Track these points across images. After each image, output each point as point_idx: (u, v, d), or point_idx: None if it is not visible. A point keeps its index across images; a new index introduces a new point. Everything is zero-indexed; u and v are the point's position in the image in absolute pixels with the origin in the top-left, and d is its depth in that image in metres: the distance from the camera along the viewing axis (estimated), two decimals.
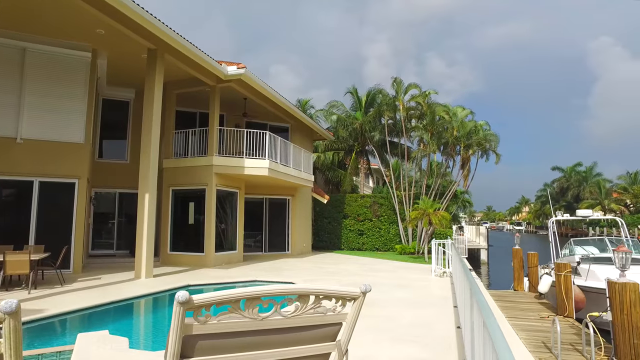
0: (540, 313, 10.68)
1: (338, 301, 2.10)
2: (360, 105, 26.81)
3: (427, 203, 19.25)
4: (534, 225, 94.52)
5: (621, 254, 7.65)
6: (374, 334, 6.09)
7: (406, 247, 20.64)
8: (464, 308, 5.51)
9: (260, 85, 14.89)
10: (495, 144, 22.57)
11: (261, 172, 14.71)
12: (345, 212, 23.65)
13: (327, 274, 12.82)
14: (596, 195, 67.51)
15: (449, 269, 12.60)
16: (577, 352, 7.60)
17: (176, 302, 1.68)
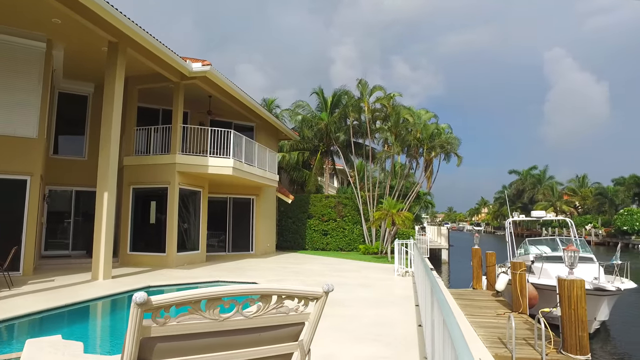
0: (497, 310, 11.08)
1: (301, 301, 2.10)
2: (326, 105, 26.93)
3: (391, 204, 19.55)
4: (493, 225, 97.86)
5: (570, 253, 8.07)
6: (337, 333, 6.13)
7: (370, 247, 20.90)
8: (425, 307, 5.63)
9: (226, 83, 14.69)
10: (456, 147, 23.21)
11: (225, 171, 14.51)
12: (309, 212, 23.68)
13: (291, 274, 12.79)
14: (549, 197, 70.75)
15: (411, 269, 12.85)
16: (530, 346, 7.94)
17: (133, 304, 1.63)
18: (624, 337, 11.56)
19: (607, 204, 60.06)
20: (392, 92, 23.68)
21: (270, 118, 19.38)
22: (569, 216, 61.11)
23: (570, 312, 7.55)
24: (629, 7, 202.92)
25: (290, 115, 27.90)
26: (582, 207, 68.85)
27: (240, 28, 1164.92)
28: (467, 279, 16.82)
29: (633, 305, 15.06)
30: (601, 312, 10.49)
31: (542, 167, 78.73)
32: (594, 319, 10.29)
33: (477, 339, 6.69)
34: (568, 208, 68.72)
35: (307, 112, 27.10)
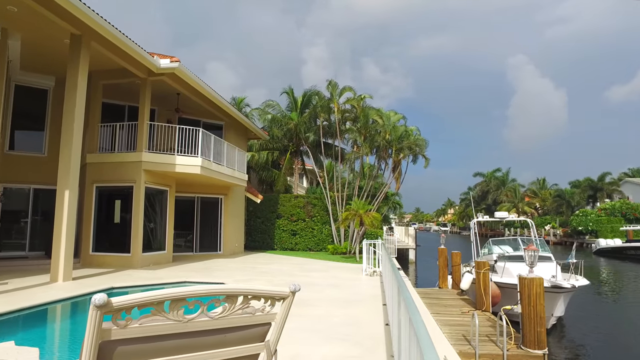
0: (462, 308, 11.35)
1: (267, 301, 2.08)
2: (296, 105, 26.89)
3: (359, 204, 19.71)
4: (458, 226, 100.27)
5: (530, 253, 8.39)
6: (305, 333, 6.12)
7: (338, 247, 21.00)
8: (392, 306, 5.70)
9: (195, 80, 14.43)
10: (424, 149, 23.65)
11: (193, 170, 14.26)
12: (278, 212, 23.59)
13: (260, 274, 12.70)
14: (512, 198, 73.13)
15: (379, 269, 12.99)
16: (492, 343, 8.17)
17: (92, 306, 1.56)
18: (578, 331, 12.09)
19: (564, 205, 62.63)
20: (362, 93, 23.90)
21: (240, 117, 19.18)
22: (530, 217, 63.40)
23: (529, 309, 7.83)
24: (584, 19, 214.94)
25: (260, 114, 27.70)
26: (542, 208, 71.54)
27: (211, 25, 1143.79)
28: (434, 278, 17.16)
29: (586, 301, 15.77)
30: (558, 309, 10.94)
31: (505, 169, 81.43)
32: (551, 315, 10.71)
33: (443, 336, 6.83)
34: (529, 209, 71.25)
35: (277, 112, 26.99)
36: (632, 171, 75.02)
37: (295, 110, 26.81)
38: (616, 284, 22.33)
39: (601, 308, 15.73)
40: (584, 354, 10.28)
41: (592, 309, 15.19)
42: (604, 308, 15.83)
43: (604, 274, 25.89)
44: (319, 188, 27.43)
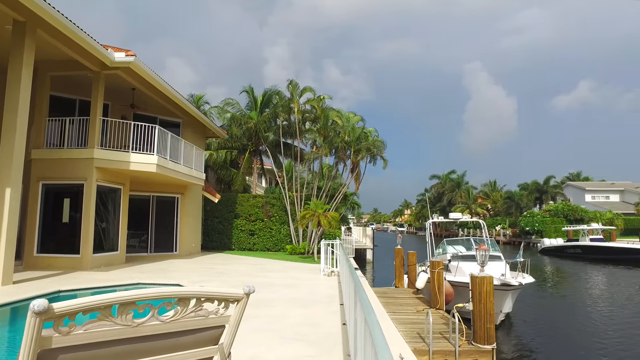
0: (417, 307, 11.62)
1: (221, 303, 2.03)
2: (256, 105, 26.64)
3: (318, 204, 19.79)
4: (415, 226, 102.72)
5: (482, 252, 8.72)
6: (262, 334, 6.07)
7: (297, 247, 20.99)
8: (349, 305, 5.75)
9: (151, 76, 13.97)
10: (382, 150, 24.05)
11: (149, 168, 13.80)
12: (236, 211, 23.29)
13: (216, 275, 12.48)
14: (466, 200, 75.84)
15: (337, 269, 13.08)
16: (445, 339, 8.42)
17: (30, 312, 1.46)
18: (524, 326, 12.69)
19: (514, 206, 65.65)
20: (323, 94, 24.01)
21: (198, 115, 18.76)
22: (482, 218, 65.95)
23: (480, 307, 8.14)
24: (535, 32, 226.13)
25: (219, 112, 27.23)
26: (493, 209, 74.61)
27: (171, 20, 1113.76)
28: (390, 278, 17.48)
29: (531, 297, 16.58)
30: (506, 305, 11.45)
31: (460, 171, 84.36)
32: (500, 311, 11.19)
33: (398, 335, 6.97)
34: (482, 210, 74.12)
35: (237, 111, 26.62)
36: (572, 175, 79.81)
37: (255, 109, 26.55)
38: (557, 281, 23.63)
39: (544, 303, 16.58)
40: (529, 347, 10.80)
41: (537, 304, 15.98)
42: (547, 303, 16.70)
43: (547, 272, 27.33)
44: (277, 188, 27.30)
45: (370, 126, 25.86)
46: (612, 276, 24.76)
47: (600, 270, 27.58)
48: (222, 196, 22.68)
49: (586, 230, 37.40)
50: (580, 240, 37.22)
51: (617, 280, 23.24)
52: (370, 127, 25.94)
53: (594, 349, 10.41)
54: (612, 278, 24.07)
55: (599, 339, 11.32)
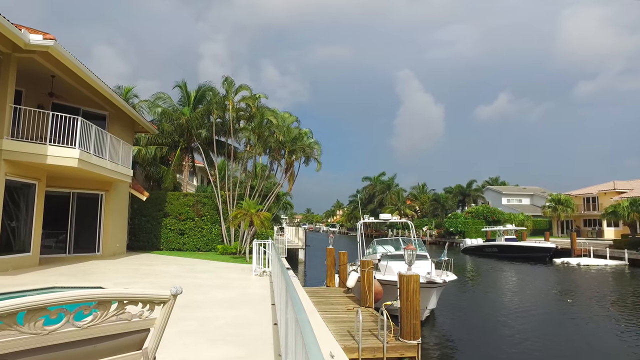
0: (347, 305, 11.87)
1: (145, 305, 1.93)
2: (189, 100, 25.76)
3: (250, 204, 19.56)
4: (346, 227, 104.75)
5: (409, 252, 9.10)
6: (190, 336, 5.88)
7: (228, 247, 20.60)
8: (280, 305, 5.74)
9: (74, 63, 12.95)
10: (317, 152, 24.30)
11: (69, 162, 12.82)
12: (166, 210, 22.38)
13: (143, 276, 11.90)
14: (396, 201, 78.78)
15: (269, 269, 13.01)
16: (374, 336, 8.67)
17: None
18: (447, 321, 13.44)
19: (439, 208, 69.34)
20: (259, 93, 23.78)
21: (126, 108, 17.75)
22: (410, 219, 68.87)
23: (407, 304, 8.49)
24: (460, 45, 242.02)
25: (149, 107, 25.93)
26: (421, 211, 78.20)
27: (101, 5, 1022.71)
28: (322, 277, 17.69)
29: (454, 294, 17.60)
30: (431, 302, 12.05)
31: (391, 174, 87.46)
32: (425, 308, 11.75)
33: (329, 333, 7.06)
34: (410, 212, 77.39)
35: (169, 106, 25.54)
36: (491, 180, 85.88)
37: (188, 105, 25.66)
38: (477, 278, 25.30)
39: (465, 299, 17.67)
40: (451, 340, 11.45)
41: (458, 300, 16.98)
42: (467, 298, 17.82)
43: (468, 270, 29.16)
44: (209, 186, 26.57)
45: (305, 127, 26.03)
46: (522, 272, 26.95)
47: (512, 267, 29.90)
48: (151, 194, 21.67)
49: (502, 230, 40.36)
50: (496, 240, 40.10)
51: (526, 275, 25.34)
52: (306, 128, 26.13)
53: (508, 339, 11.25)
54: (522, 274, 26.20)
55: (511, 329, 12.27)
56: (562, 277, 24.95)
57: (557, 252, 33.84)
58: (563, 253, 33.73)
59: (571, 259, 31.53)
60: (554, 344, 11.00)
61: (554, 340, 11.40)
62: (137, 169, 24.70)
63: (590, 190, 52.34)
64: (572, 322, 13.65)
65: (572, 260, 30.80)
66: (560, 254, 33.29)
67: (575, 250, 33.85)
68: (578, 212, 51.21)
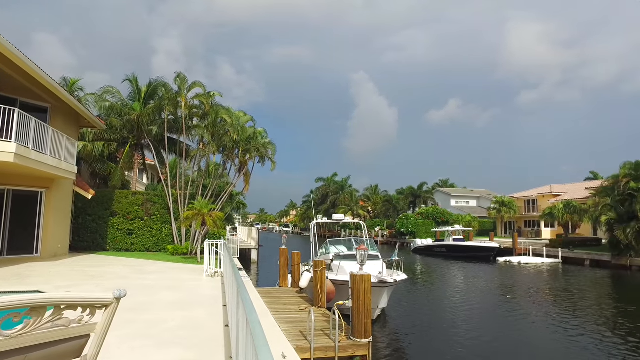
0: (300, 306, 11.88)
1: (86, 310, 1.82)
2: (140, 95, 24.82)
3: (203, 203, 19.16)
4: (300, 227, 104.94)
5: (361, 252, 9.25)
6: (137, 340, 5.67)
7: (179, 247, 20.07)
8: (232, 306, 5.66)
9: (9, 49, 12.08)
10: (271, 152, 24.16)
11: (4, 157, 11.99)
12: (113, 209, 21.47)
13: (88, 279, 11.34)
14: (349, 202, 79.80)
15: (220, 269, 12.79)
16: (327, 336, 8.74)
17: None
18: (397, 319, 13.77)
19: (391, 209, 70.96)
20: (213, 91, 23.33)
21: (70, 100, 16.82)
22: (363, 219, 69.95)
23: (359, 303, 8.61)
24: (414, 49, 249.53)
25: (96, 100, 24.69)
26: (373, 211, 79.69)
27: None
28: (275, 278, 17.61)
29: (404, 293, 18.07)
30: (382, 301, 12.31)
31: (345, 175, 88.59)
32: (376, 307, 11.98)
33: (281, 333, 7.04)
34: (363, 212, 78.66)
35: (118, 100, 24.47)
36: (441, 182, 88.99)
37: (138, 100, 24.71)
38: (426, 277, 26.12)
39: (415, 297, 18.18)
40: (402, 338, 11.75)
41: (408, 298, 17.44)
42: (417, 297, 18.34)
43: (418, 269, 30.04)
44: (160, 185, 25.73)
45: (260, 127, 25.83)
46: (468, 271, 28.12)
47: (459, 266, 31.11)
48: (97, 192, 20.69)
49: (450, 231, 41.91)
50: (445, 240, 41.58)
51: (471, 274, 26.46)
52: (261, 127, 25.91)
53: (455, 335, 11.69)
54: (468, 272, 27.33)
55: (458, 325, 12.76)
56: (504, 275, 26.26)
57: (501, 251, 35.58)
58: (506, 252, 35.48)
59: (513, 257, 33.23)
60: (495, 338, 11.56)
61: (495, 334, 12.00)
62: (83, 166, 23.53)
63: (531, 193, 55.42)
64: (511, 316, 14.44)
65: (514, 259, 32.48)
66: (503, 253, 35.00)
67: (516, 250, 35.72)
68: (520, 214, 54.03)
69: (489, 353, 10.44)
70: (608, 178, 32.08)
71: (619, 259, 27.59)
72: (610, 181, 30.81)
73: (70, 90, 22.76)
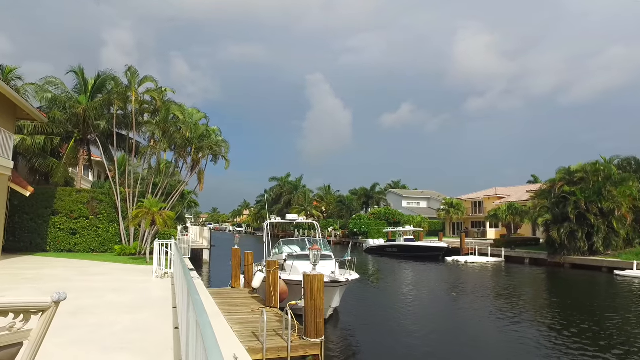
0: (252, 306, 11.81)
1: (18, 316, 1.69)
2: (87, 88, 23.66)
3: (153, 202, 18.60)
4: (253, 227, 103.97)
5: (314, 252, 9.35)
6: (81, 345, 5.44)
7: (127, 247, 19.36)
8: (182, 308, 5.57)
9: None
10: (225, 150, 23.81)
11: None
12: (55, 207, 20.37)
13: (23, 282, 10.71)
14: (302, 202, 80.00)
15: (170, 270, 12.49)
16: (279, 336, 8.76)
17: None
18: (349, 318, 14.00)
19: (345, 210, 71.85)
20: (165, 86, 22.69)
21: (5, 89, 15.75)
22: (316, 220, 70.37)
23: (311, 303, 8.70)
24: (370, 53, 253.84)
25: (37, 91, 23.28)
26: (327, 212, 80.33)
27: None
28: (227, 279, 17.39)
29: (356, 292, 18.38)
30: (335, 300, 12.47)
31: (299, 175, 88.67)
32: (329, 306, 12.12)
33: (233, 335, 7.00)
34: (316, 212, 79.09)
35: (62, 92, 23.18)
36: (394, 183, 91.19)
37: (85, 93, 23.53)
38: (378, 276, 26.71)
39: (367, 296, 18.54)
40: (354, 336, 11.96)
41: (360, 297, 17.76)
42: (369, 296, 18.72)
43: (370, 269, 30.64)
44: (107, 182, 24.66)
45: (214, 125, 25.39)
46: (418, 270, 29.03)
47: (409, 265, 32.04)
48: (36, 189, 19.50)
49: (401, 231, 43.03)
50: (396, 241, 42.64)
51: (421, 273, 27.36)
52: (215, 125, 25.48)
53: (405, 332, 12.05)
54: (418, 271, 28.23)
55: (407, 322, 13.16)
56: (451, 273, 27.33)
57: (449, 251, 36.99)
58: (454, 252, 36.92)
59: (460, 257, 34.64)
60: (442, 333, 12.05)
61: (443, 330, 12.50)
62: (21, 161, 22.14)
63: (477, 195, 57.97)
64: (457, 313, 15.12)
65: (461, 259, 33.87)
66: (452, 253, 36.41)
67: (463, 249, 37.28)
68: (467, 215, 56.37)
69: (437, 348, 10.86)
70: (546, 182, 34.27)
71: (554, 257, 29.49)
72: (548, 185, 32.93)
73: (5, 79, 21.32)
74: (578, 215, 27.85)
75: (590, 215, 27.45)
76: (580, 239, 27.66)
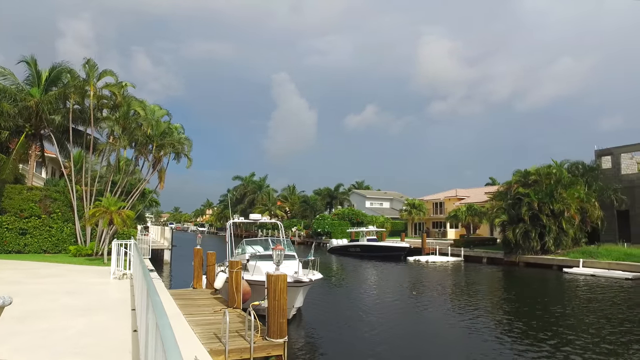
0: (215, 307, 11.64)
1: None
2: (40, 80, 22.56)
3: (111, 201, 18.00)
4: (216, 227, 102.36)
5: (278, 252, 9.34)
6: (31, 352, 5.20)
7: (82, 248, 18.64)
8: (141, 310, 5.42)
9: None
10: (188, 148, 23.35)
11: None
12: (3, 206, 19.33)
13: None
14: (266, 202, 79.50)
15: (129, 271, 12.13)
16: (242, 337, 8.68)
17: None
18: (312, 318, 14.05)
19: (309, 210, 71.96)
20: (126, 81, 21.99)
21: None
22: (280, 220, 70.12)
23: (274, 303, 8.67)
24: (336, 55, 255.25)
25: None
26: (291, 212, 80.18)
27: None
28: (189, 279, 17.06)
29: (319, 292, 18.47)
30: (298, 300, 12.48)
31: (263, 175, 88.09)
32: (292, 306, 12.12)
33: (194, 336, 6.88)
34: (280, 212, 78.76)
35: (11, 84, 22.01)
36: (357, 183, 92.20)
37: (37, 85, 22.43)
38: (341, 276, 26.93)
39: (330, 296, 18.67)
40: (317, 336, 12.01)
41: (323, 297, 17.85)
42: (332, 295, 18.86)
43: (333, 269, 30.85)
44: (62, 180, 23.63)
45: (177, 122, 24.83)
46: (380, 269, 29.49)
47: (372, 265, 32.49)
48: None
49: (364, 232, 43.56)
50: (360, 241, 43.11)
51: (383, 272, 27.81)
52: (177, 123, 24.93)
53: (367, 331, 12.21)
54: (380, 271, 28.67)
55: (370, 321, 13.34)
56: (412, 273, 27.92)
57: (411, 251, 37.75)
58: (415, 252, 37.71)
59: (421, 257, 35.43)
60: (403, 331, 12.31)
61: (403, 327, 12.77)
62: None
63: (438, 196, 59.49)
64: (417, 311, 15.49)
65: (422, 258, 34.65)
66: (413, 253, 37.18)
67: (425, 249, 38.14)
68: (428, 215, 57.72)
69: (398, 346, 11.07)
70: (503, 184, 35.62)
71: (510, 256, 30.71)
72: (504, 187, 34.26)
73: None
74: (532, 216, 29.13)
75: (543, 215, 28.79)
76: (534, 239, 28.96)
